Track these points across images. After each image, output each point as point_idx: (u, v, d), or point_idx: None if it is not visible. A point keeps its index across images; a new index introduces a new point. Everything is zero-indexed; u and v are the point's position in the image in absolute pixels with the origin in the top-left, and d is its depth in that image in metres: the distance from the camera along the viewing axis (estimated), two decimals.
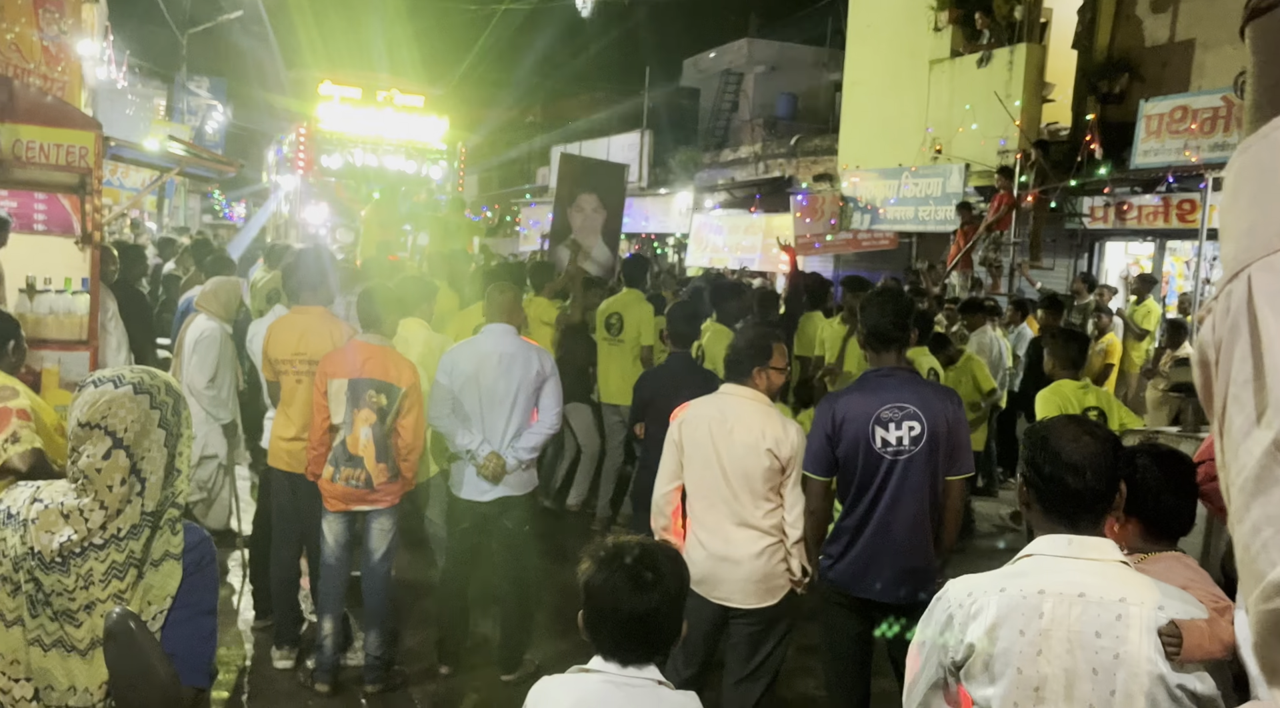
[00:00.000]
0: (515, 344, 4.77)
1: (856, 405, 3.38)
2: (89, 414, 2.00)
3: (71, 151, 5.34)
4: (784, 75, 25.27)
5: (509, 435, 4.69)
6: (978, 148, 12.66)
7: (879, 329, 3.43)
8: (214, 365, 5.74)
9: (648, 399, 5.35)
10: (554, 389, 4.82)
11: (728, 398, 3.72)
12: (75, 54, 10.10)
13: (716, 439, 3.63)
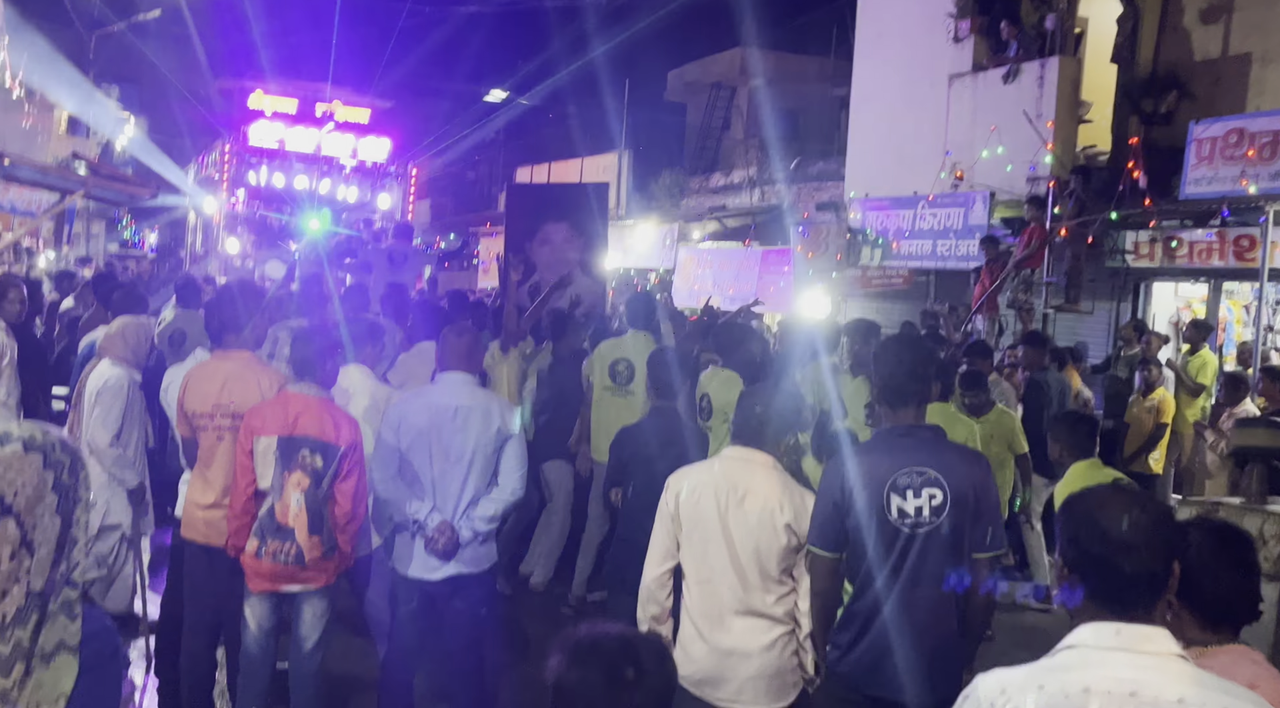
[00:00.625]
0: (473, 396, 4.75)
1: (869, 469, 3.39)
2: None
3: None
4: (782, 90, 25.62)
5: (464, 503, 4.66)
6: (1004, 174, 12.87)
7: (895, 382, 3.45)
8: (119, 419, 5.69)
9: (626, 460, 5.35)
10: (517, 449, 4.80)
11: (738, 464, 3.72)
12: None
13: (725, 512, 3.63)
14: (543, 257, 9.58)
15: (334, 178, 17.24)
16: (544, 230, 9.70)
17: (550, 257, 9.58)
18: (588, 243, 9.84)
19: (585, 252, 9.80)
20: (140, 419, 5.94)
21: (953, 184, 13.69)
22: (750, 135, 24.04)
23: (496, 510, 4.73)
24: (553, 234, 9.70)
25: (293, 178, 16.99)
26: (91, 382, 5.82)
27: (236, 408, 4.67)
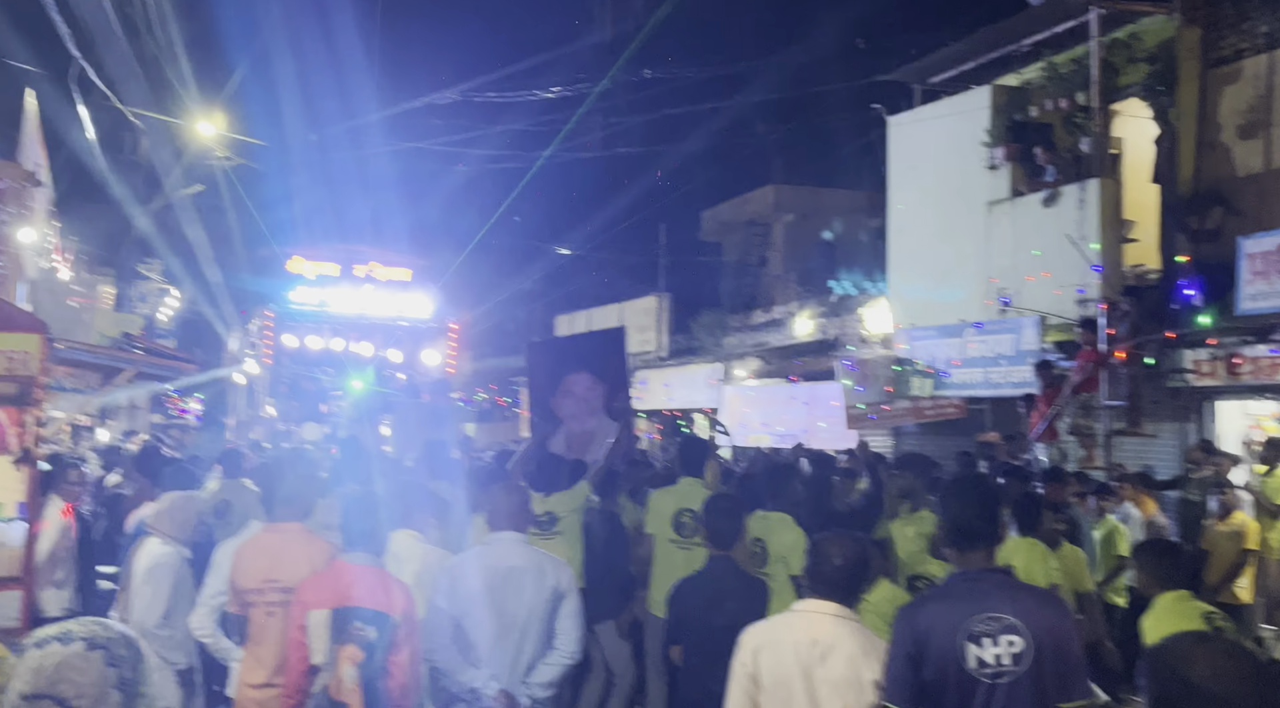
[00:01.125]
0: (525, 555, 4.76)
1: (942, 617, 3.33)
2: (34, 683, 1.98)
3: (13, 358, 5.54)
4: (816, 223, 26.08)
5: (522, 668, 4.62)
6: (1052, 298, 12.90)
7: (964, 524, 3.43)
8: (168, 599, 5.72)
9: (684, 615, 5.27)
10: (573, 609, 4.78)
11: (817, 618, 3.67)
12: (16, 244, 10.64)
13: (810, 671, 3.55)
14: (566, 408, 9.61)
15: (375, 337, 17.62)
16: (565, 382, 9.75)
17: (574, 408, 9.60)
18: (611, 389, 9.85)
19: (609, 399, 9.81)
20: (190, 598, 5.96)
21: (1000, 310, 13.73)
22: (788, 270, 24.36)
23: (555, 675, 4.69)
24: (574, 385, 9.74)
25: (334, 340, 17.39)
26: (141, 561, 5.88)
27: (287, 582, 4.70)
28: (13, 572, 5.66)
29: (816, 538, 4.01)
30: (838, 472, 9.22)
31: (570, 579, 4.86)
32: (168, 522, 5.92)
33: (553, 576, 4.73)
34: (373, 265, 18.89)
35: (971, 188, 14.62)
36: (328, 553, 4.77)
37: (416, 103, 18.69)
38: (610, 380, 9.74)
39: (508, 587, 4.67)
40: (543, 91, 20.73)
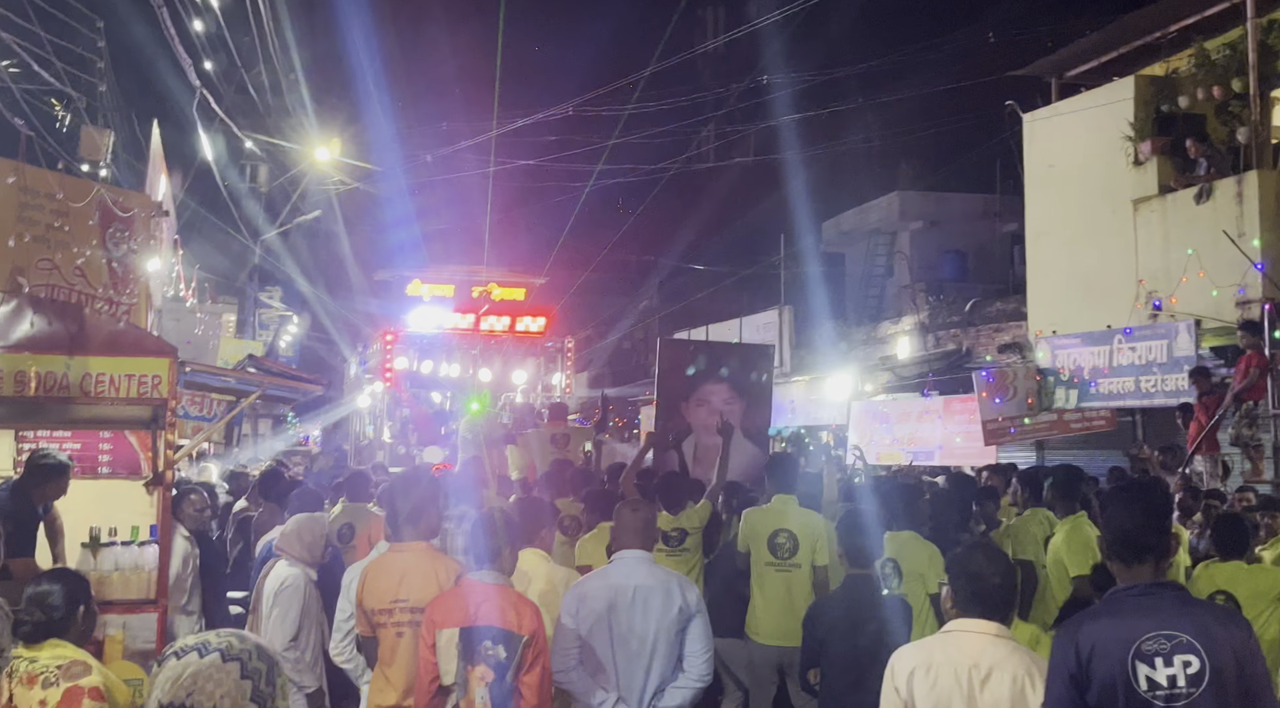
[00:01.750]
0: (652, 574, 4.76)
1: (1108, 635, 3.18)
2: (172, 693, 2.06)
3: (144, 382, 5.76)
4: (946, 230, 25.66)
5: (649, 691, 4.60)
6: (1209, 300, 12.41)
7: (1129, 536, 3.28)
8: (296, 621, 5.86)
9: (822, 637, 5.18)
10: (702, 630, 4.75)
11: (974, 638, 3.55)
12: (144, 274, 11.13)
13: (971, 696, 3.44)
14: (699, 418, 9.39)
15: (493, 358, 17.92)
16: (702, 390, 9.51)
17: (707, 419, 9.35)
18: (751, 407, 9.63)
19: (747, 416, 9.57)
20: (317, 619, 6.10)
21: (1150, 314, 13.26)
22: (916, 280, 23.99)
23: (684, 699, 4.66)
24: (711, 395, 9.51)
25: (452, 362, 17.73)
26: (269, 583, 6.05)
27: (415, 603, 4.76)
28: (148, 594, 5.89)
29: (965, 554, 3.86)
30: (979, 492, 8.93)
31: (698, 599, 4.83)
32: (295, 543, 6.07)
33: (680, 595, 4.71)
34: (489, 285, 19.26)
35: (1115, 186, 14.19)
36: (455, 571, 4.83)
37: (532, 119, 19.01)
38: (750, 398, 9.54)
39: (634, 606, 4.66)
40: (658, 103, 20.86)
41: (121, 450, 7.64)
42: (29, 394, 5.52)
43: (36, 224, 9.13)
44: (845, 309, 26.19)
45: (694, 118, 23.76)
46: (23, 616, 3.83)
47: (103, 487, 7.37)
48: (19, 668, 3.71)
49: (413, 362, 17.62)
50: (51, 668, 3.69)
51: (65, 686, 3.63)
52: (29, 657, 3.74)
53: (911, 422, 17.50)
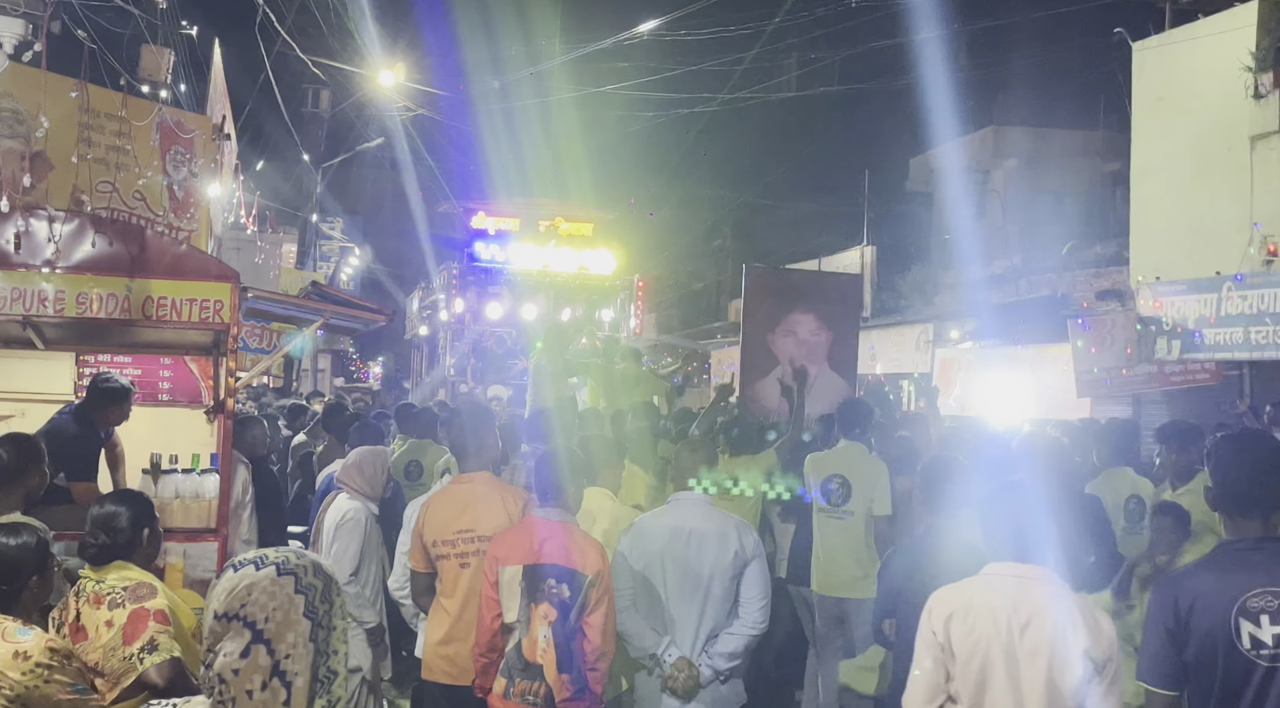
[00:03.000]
0: (709, 517, 4.80)
1: (1210, 590, 3.14)
2: (226, 603, 2.11)
3: (206, 306, 5.87)
4: (1043, 169, 25.11)
5: (702, 636, 4.67)
6: None
7: (1236, 487, 3.22)
8: (357, 555, 6.00)
9: (899, 587, 5.18)
10: (759, 575, 4.79)
11: (1014, 581, 3.54)
12: (204, 199, 11.32)
13: (1009, 640, 3.44)
14: (786, 349, 9.41)
15: (558, 294, 17.97)
16: (788, 320, 9.49)
17: (794, 350, 9.38)
18: (840, 338, 9.60)
19: (836, 348, 9.57)
20: (377, 554, 6.24)
21: (1265, 261, 12.89)
22: (1010, 221, 23.55)
23: (738, 646, 4.72)
24: (797, 326, 9.49)
25: (518, 297, 17.82)
26: (329, 516, 6.19)
27: (482, 532, 4.85)
28: (208, 523, 6.05)
29: (994, 497, 3.82)
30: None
31: (756, 544, 4.87)
32: (356, 476, 6.20)
33: (737, 539, 4.77)
34: (555, 220, 19.24)
35: (1232, 121, 13.75)
36: (521, 500, 4.90)
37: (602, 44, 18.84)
38: (838, 329, 9.51)
39: (689, 550, 4.73)
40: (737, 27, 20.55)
41: (181, 377, 7.82)
42: (90, 316, 5.66)
43: (97, 145, 9.29)
44: (931, 251, 25.81)
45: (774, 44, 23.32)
46: (88, 538, 3.96)
47: (163, 414, 7.56)
48: (86, 587, 3.85)
49: (477, 297, 17.74)
50: (118, 589, 3.81)
51: (131, 607, 3.75)
52: (95, 578, 3.88)
53: (1000, 371, 17.28)
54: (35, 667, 3.34)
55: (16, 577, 3.56)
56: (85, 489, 5.98)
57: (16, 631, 3.42)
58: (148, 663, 3.67)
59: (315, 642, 2.13)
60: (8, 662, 3.32)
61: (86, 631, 3.76)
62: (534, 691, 4.45)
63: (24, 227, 5.49)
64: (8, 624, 3.43)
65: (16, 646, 3.36)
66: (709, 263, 34.77)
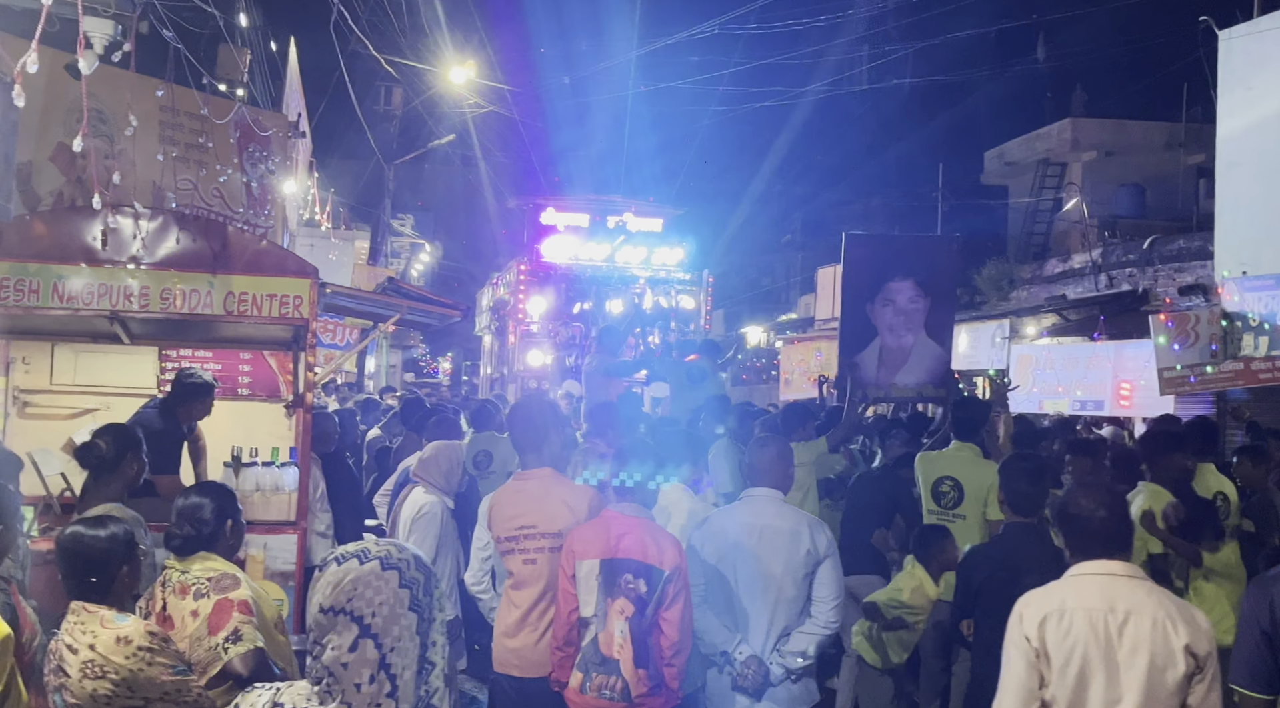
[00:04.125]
0: (780, 514, 4.79)
1: None
2: (333, 597, 2.15)
3: (286, 302, 5.99)
4: (1122, 162, 24.74)
5: (773, 634, 4.66)
6: None
7: None
8: (434, 548, 6.08)
9: (978, 587, 5.14)
10: (832, 574, 4.77)
11: (1107, 580, 3.48)
12: (280, 196, 11.52)
13: (1107, 641, 3.39)
14: (885, 319, 9.26)
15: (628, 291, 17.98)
16: (886, 289, 9.31)
17: (893, 319, 9.19)
18: (936, 303, 9.43)
19: (934, 313, 9.41)
20: (453, 548, 6.32)
21: None
22: (1089, 214, 23.22)
23: (809, 645, 4.69)
24: (896, 293, 9.32)
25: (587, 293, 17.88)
26: (405, 509, 6.28)
27: (545, 529, 4.87)
28: (288, 515, 6.16)
29: (1064, 499, 3.77)
30: None
31: (829, 542, 4.83)
32: (433, 470, 6.29)
33: (809, 538, 4.73)
34: (626, 215, 19.22)
35: None
36: (585, 497, 4.91)
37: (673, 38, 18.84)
38: (935, 295, 9.35)
39: (761, 547, 4.71)
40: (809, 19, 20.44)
41: (260, 372, 7.96)
42: (174, 311, 5.79)
43: (177, 143, 9.51)
44: (1007, 245, 25.51)
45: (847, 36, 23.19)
46: (173, 529, 4.07)
47: (242, 408, 7.70)
48: (171, 578, 3.95)
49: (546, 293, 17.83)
50: (203, 580, 3.90)
51: (216, 598, 3.84)
52: (180, 568, 3.97)
53: (1079, 368, 17.00)
54: (137, 650, 3.44)
55: (107, 568, 3.66)
56: (169, 482, 6.11)
57: (115, 617, 3.52)
58: (232, 653, 3.75)
59: (420, 635, 2.18)
60: (111, 647, 3.42)
61: (173, 620, 3.85)
62: (610, 685, 4.47)
63: (111, 224, 5.63)
64: (105, 612, 3.53)
65: (117, 631, 3.46)
66: (778, 258, 34.68)
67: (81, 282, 5.65)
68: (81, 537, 3.69)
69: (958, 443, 7.11)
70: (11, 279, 5.58)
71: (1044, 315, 19.76)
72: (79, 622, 3.50)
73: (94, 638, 3.44)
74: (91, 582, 3.63)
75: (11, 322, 6.21)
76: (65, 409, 7.20)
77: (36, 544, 4.98)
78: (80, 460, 5.01)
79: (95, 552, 3.66)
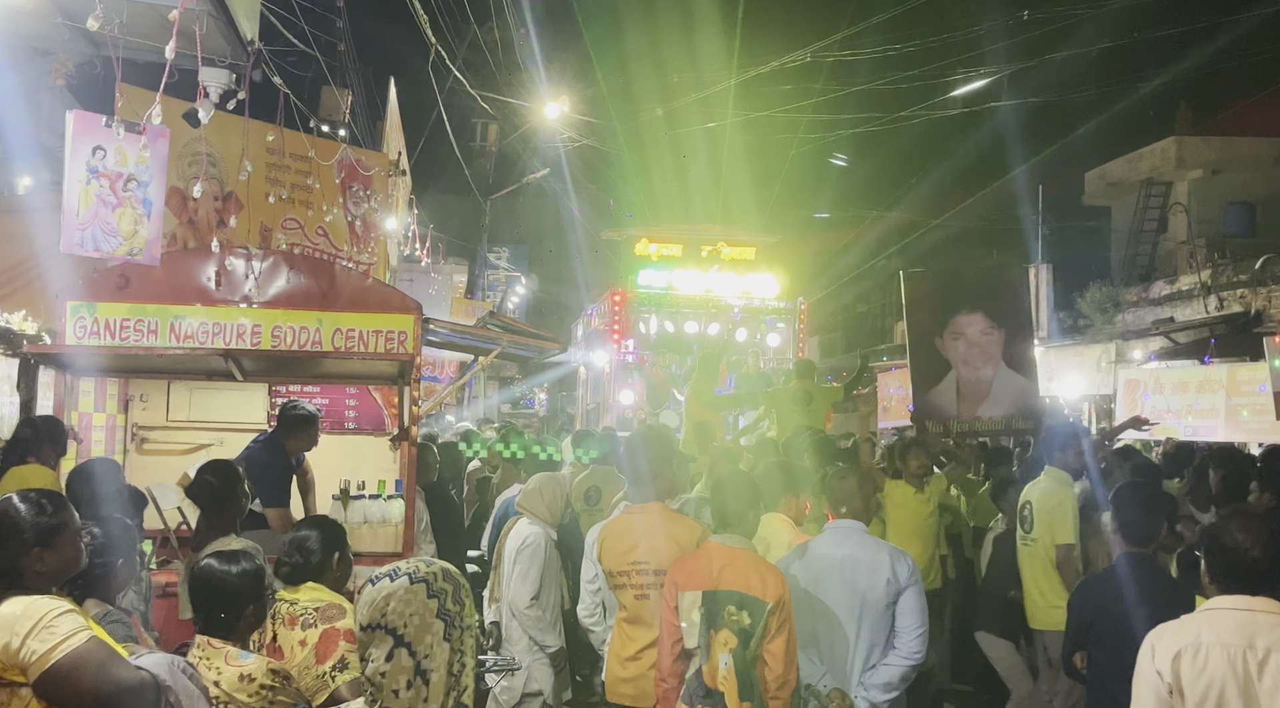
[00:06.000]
0: (861, 545, 4.79)
1: None
2: (369, 615, 2.38)
3: (391, 338, 6.16)
4: (1231, 180, 24.11)
5: (857, 667, 4.65)
6: None
7: None
8: (538, 579, 6.14)
9: (1091, 618, 5.04)
10: (915, 603, 4.73)
11: (1248, 617, 3.37)
12: (382, 233, 11.80)
13: (1248, 680, 3.27)
14: (957, 352, 9.18)
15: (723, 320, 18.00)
16: (955, 322, 9.26)
17: (966, 352, 9.13)
18: (1012, 335, 9.32)
19: (1010, 345, 9.29)
20: (557, 579, 6.37)
21: None
22: (1196, 235, 22.65)
23: (894, 677, 4.67)
24: (966, 327, 9.24)
25: (682, 323, 17.93)
26: (510, 541, 6.36)
27: (657, 565, 4.91)
28: (395, 547, 6.29)
29: (1218, 526, 3.67)
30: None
31: (911, 571, 4.80)
32: (537, 502, 6.35)
33: (889, 567, 4.72)
34: (718, 245, 19.28)
35: None
36: (695, 532, 4.95)
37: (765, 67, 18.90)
38: (1009, 326, 9.24)
39: (843, 578, 4.70)
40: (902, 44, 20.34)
41: (366, 406, 8.16)
42: (284, 349, 5.98)
43: (282, 184, 9.81)
44: (1111, 268, 24.97)
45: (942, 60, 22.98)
46: (283, 558, 4.21)
47: (349, 442, 7.89)
48: (281, 610, 4.07)
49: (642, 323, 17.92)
50: (310, 610, 4.02)
51: (323, 627, 3.96)
52: (289, 599, 4.10)
53: (1190, 392, 16.56)
54: (260, 688, 3.54)
55: (237, 605, 3.75)
56: (280, 515, 6.28)
57: (239, 655, 3.63)
58: (339, 681, 3.87)
59: (449, 640, 2.39)
60: (235, 684, 3.53)
61: (283, 650, 3.98)
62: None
63: (225, 265, 5.84)
64: (229, 649, 3.64)
65: (241, 669, 3.57)
66: (873, 284, 34.37)
67: (197, 321, 5.88)
68: (214, 571, 3.77)
69: (1049, 468, 7.03)
70: (131, 320, 5.82)
71: (1151, 339, 19.32)
72: (204, 657, 3.61)
73: (219, 674, 3.55)
74: (221, 618, 3.72)
75: (131, 361, 6.45)
76: (181, 445, 7.45)
77: (155, 576, 5.16)
78: (192, 497, 5.18)
79: (228, 587, 3.74)
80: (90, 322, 5.76)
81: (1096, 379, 19.90)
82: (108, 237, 4.88)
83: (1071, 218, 27.47)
